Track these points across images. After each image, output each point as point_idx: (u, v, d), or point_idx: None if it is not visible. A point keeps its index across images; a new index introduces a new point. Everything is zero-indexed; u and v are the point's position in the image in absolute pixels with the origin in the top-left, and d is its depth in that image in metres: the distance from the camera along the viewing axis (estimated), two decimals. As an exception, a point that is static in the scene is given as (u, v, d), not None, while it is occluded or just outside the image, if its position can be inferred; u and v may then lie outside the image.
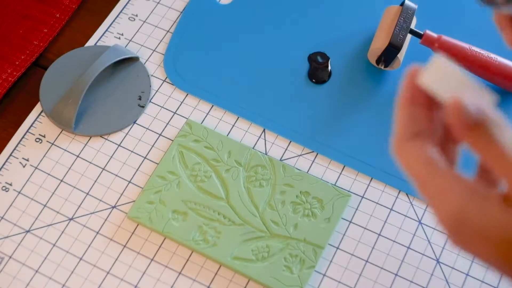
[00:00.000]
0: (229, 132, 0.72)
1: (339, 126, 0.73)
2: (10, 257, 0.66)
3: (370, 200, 0.69)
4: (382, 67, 0.75)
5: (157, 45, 0.77)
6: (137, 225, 0.67)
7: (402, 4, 0.74)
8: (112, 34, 0.78)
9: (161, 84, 0.75)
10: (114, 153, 0.71)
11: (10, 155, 0.71)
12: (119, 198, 0.69)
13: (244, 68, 0.76)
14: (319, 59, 0.76)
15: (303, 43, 0.77)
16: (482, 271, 0.66)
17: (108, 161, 0.71)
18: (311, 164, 0.71)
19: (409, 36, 0.74)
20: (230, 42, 0.77)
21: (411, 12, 0.74)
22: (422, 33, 0.73)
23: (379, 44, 0.73)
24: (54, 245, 0.67)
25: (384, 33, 0.74)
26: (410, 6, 0.74)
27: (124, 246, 0.66)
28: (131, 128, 0.72)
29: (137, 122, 0.73)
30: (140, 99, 0.74)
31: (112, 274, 0.65)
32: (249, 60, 0.76)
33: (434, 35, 0.73)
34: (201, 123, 0.73)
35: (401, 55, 0.74)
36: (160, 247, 0.66)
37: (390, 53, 0.73)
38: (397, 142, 0.45)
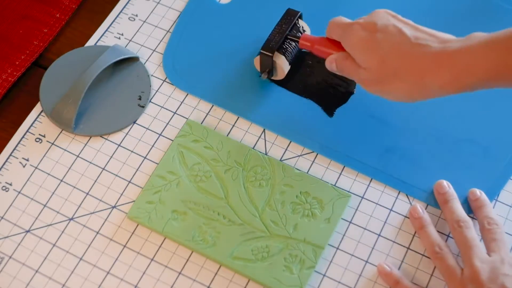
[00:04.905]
0: (229, 132, 0.72)
1: (339, 126, 0.73)
2: (10, 257, 0.66)
3: (370, 201, 0.69)
4: (266, 78, 0.72)
5: (157, 45, 0.77)
6: (137, 225, 0.67)
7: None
8: (112, 34, 0.78)
9: (161, 84, 0.75)
10: (114, 153, 0.71)
11: (10, 155, 0.71)
12: (119, 198, 0.69)
13: (244, 68, 0.76)
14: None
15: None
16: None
17: (108, 161, 0.71)
18: (311, 165, 0.71)
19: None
20: (230, 42, 0.77)
21: (291, 18, 0.71)
22: (299, 36, 0.71)
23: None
24: (54, 245, 0.67)
25: None
26: (291, 12, 0.72)
27: (124, 246, 0.66)
28: (131, 128, 0.72)
29: (137, 122, 0.73)
30: (140, 99, 0.74)
31: (112, 274, 0.65)
32: (249, 60, 0.76)
33: (311, 37, 0.70)
34: (201, 123, 0.73)
35: (283, 63, 0.71)
36: (160, 247, 0.66)
37: (265, 61, 0.71)
38: None
